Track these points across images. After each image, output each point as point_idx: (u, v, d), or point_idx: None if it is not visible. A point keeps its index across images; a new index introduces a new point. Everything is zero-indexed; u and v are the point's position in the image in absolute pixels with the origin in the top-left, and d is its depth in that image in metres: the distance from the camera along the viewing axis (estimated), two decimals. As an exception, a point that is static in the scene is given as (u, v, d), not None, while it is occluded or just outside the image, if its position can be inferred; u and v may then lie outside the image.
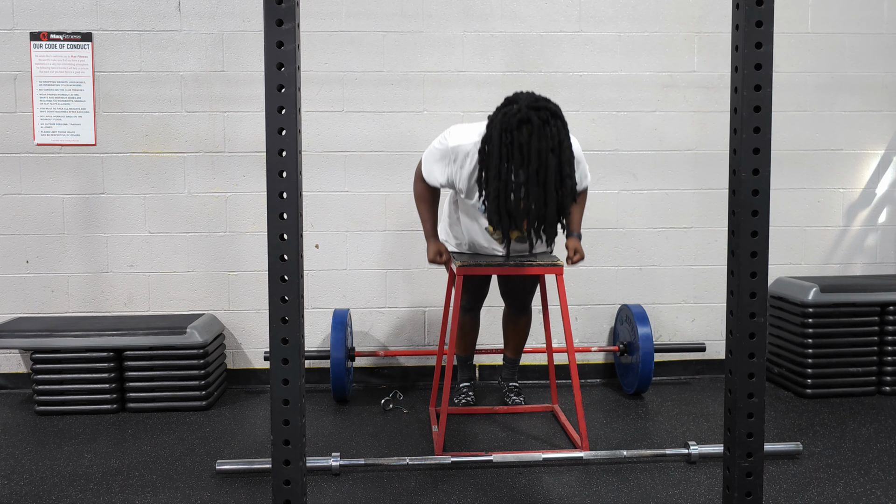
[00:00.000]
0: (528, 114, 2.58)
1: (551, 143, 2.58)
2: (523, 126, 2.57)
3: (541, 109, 2.60)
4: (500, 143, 2.60)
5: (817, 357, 3.60)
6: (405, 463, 2.80)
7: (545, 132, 2.57)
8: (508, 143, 2.58)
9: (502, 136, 2.59)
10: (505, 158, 2.59)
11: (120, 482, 2.70)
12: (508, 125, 2.59)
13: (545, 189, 2.60)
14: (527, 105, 2.61)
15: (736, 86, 1.65)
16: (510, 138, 2.58)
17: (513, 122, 2.58)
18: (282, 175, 1.64)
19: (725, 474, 1.77)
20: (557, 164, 2.60)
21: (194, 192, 3.79)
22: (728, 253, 1.71)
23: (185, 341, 3.44)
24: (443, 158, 2.90)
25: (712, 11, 3.87)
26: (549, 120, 2.59)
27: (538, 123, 2.57)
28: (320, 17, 3.73)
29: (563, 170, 2.61)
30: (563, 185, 2.62)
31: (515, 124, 2.58)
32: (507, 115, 2.61)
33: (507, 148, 2.58)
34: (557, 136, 2.60)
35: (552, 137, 2.58)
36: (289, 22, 1.60)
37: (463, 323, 3.37)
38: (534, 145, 2.56)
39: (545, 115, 2.59)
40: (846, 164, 4.02)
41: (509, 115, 2.60)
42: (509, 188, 2.60)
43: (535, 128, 2.56)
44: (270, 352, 1.69)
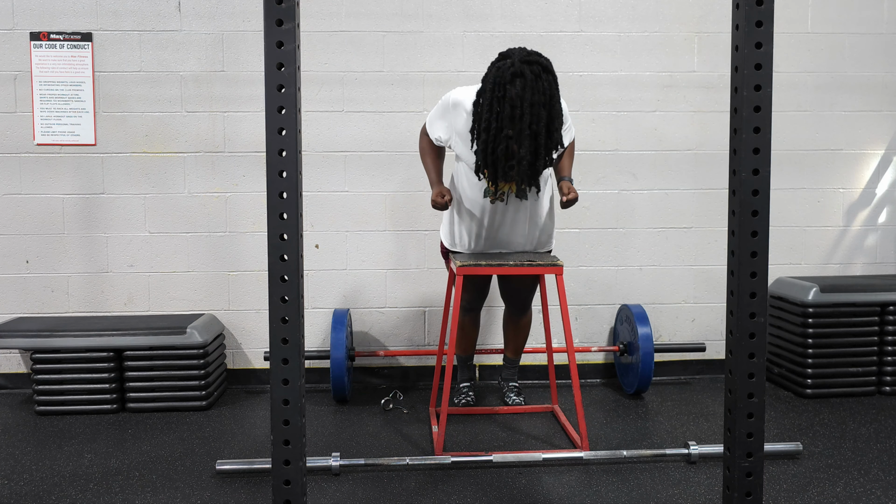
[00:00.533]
0: (521, 67, 2.67)
1: (542, 97, 2.68)
2: (516, 79, 2.67)
3: (533, 63, 2.70)
4: (492, 97, 2.70)
5: (817, 357, 3.60)
6: (405, 463, 2.80)
7: (537, 86, 2.67)
8: (500, 97, 2.68)
9: (495, 90, 2.70)
10: (496, 110, 2.70)
11: (120, 482, 2.70)
12: (501, 78, 2.69)
13: (535, 140, 2.71)
14: (520, 59, 2.70)
15: (736, 86, 1.65)
16: (503, 91, 2.68)
17: (506, 76, 2.68)
18: (282, 175, 1.64)
19: (725, 474, 1.77)
20: (548, 117, 2.71)
21: (194, 192, 3.79)
22: (728, 253, 1.71)
23: (185, 341, 3.44)
24: (443, 113, 3.02)
25: (712, 11, 3.87)
26: (542, 74, 2.69)
27: (531, 77, 2.66)
28: (320, 17, 3.73)
29: (552, 123, 2.72)
30: (551, 138, 2.74)
31: (508, 77, 2.67)
32: (501, 68, 2.70)
33: (498, 101, 2.69)
34: (549, 90, 2.70)
35: (543, 91, 2.68)
36: (289, 22, 1.60)
37: (463, 323, 3.37)
38: (526, 98, 2.66)
39: (537, 69, 2.69)
40: (846, 164, 4.02)
41: (503, 69, 2.70)
42: (499, 138, 2.70)
43: (528, 81, 2.66)
44: (270, 352, 1.69)
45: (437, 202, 3.00)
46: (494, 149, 2.75)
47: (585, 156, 3.87)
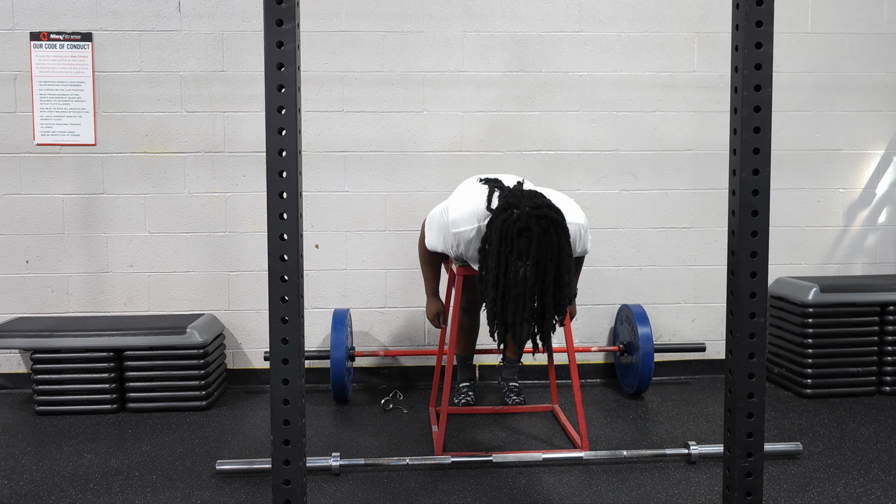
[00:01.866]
0: (528, 222, 2.48)
1: (551, 251, 2.50)
2: (523, 234, 2.48)
3: (542, 218, 2.49)
4: (499, 251, 2.52)
5: (817, 357, 3.60)
6: (405, 463, 2.80)
7: (545, 240, 2.49)
8: (507, 252, 2.51)
9: (502, 244, 2.52)
10: (504, 267, 2.52)
11: (120, 482, 2.70)
12: (508, 233, 2.50)
13: (542, 298, 2.54)
14: (527, 212, 2.49)
15: (736, 86, 1.65)
16: (510, 247, 2.50)
17: (513, 231, 2.49)
18: (282, 175, 1.64)
19: (725, 474, 1.77)
20: (556, 272, 2.52)
21: (194, 192, 3.79)
22: (728, 253, 1.71)
23: (185, 341, 3.44)
24: (445, 241, 2.85)
25: (712, 11, 3.87)
26: (550, 228, 2.50)
27: (538, 232, 2.47)
28: (320, 17, 3.73)
29: (561, 278, 2.54)
30: (560, 292, 2.55)
31: (516, 233, 2.49)
32: (507, 221, 2.51)
33: (506, 256, 2.51)
34: (557, 243, 2.51)
35: (552, 246, 2.50)
36: (289, 22, 1.60)
37: (463, 323, 3.37)
38: (533, 254, 2.48)
39: (546, 223, 2.49)
40: (846, 164, 4.02)
41: (509, 223, 2.51)
42: (507, 297, 2.53)
43: (535, 236, 2.47)
44: (270, 352, 1.69)
45: (433, 322, 3.20)
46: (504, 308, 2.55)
47: (585, 156, 3.87)
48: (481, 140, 3.84)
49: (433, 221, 2.93)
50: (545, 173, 3.84)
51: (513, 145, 3.85)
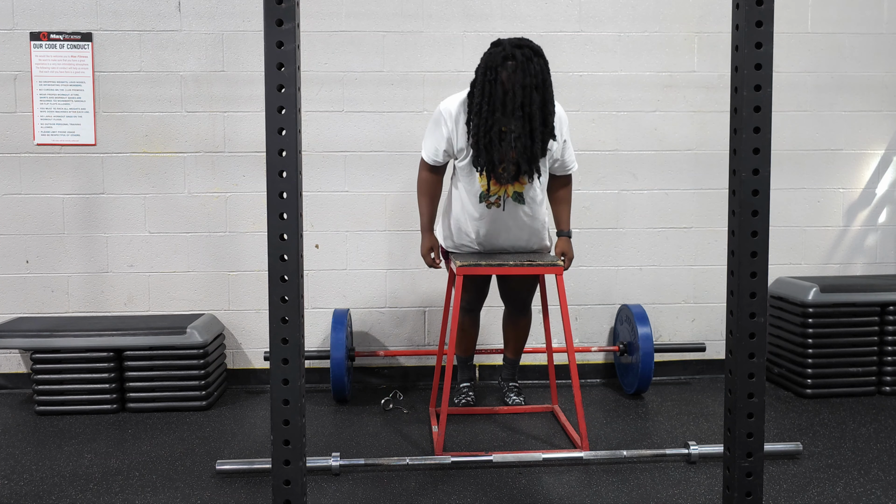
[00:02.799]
0: (511, 51, 2.70)
1: (534, 79, 2.69)
2: (507, 62, 2.69)
3: (524, 47, 2.72)
4: (483, 80, 2.72)
5: (817, 357, 3.60)
6: (405, 463, 2.80)
7: (529, 68, 2.68)
8: (492, 80, 2.69)
9: (486, 73, 2.71)
10: (488, 94, 2.71)
11: (120, 482, 2.70)
12: (493, 62, 2.71)
13: (529, 122, 2.71)
14: (510, 43, 2.73)
15: (736, 86, 1.65)
16: (494, 74, 2.69)
17: (497, 59, 2.70)
18: (282, 175, 1.64)
19: (725, 474, 1.77)
20: (541, 100, 2.72)
21: (194, 192, 3.79)
22: (728, 253, 1.71)
23: (185, 341, 3.44)
24: (437, 125, 2.99)
25: (712, 11, 3.87)
26: (532, 57, 2.70)
27: (522, 59, 2.68)
28: (320, 17, 3.73)
29: (546, 107, 2.73)
30: (546, 122, 2.74)
31: (500, 60, 2.69)
32: (492, 54, 2.73)
33: (490, 84, 2.70)
34: (541, 73, 2.71)
35: (535, 74, 2.69)
36: (289, 22, 1.60)
37: (463, 323, 3.37)
38: (517, 80, 2.67)
39: (528, 52, 2.71)
40: (846, 164, 4.02)
41: (494, 55, 2.72)
42: (491, 120, 2.71)
43: (519, 63, 2.68)
44: (270, 352, 1.69)
45: (425, 258, 3.21)
46: (488, 131, 2.74)
47: (585, 156, 3.87)
48: (481, 140, 3.83)
49: (427, 129, 3.07)
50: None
51: (513, 145, 3.84)
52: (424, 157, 3.08)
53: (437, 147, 3.01)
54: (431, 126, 3.03)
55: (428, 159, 3.06)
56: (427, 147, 3.05)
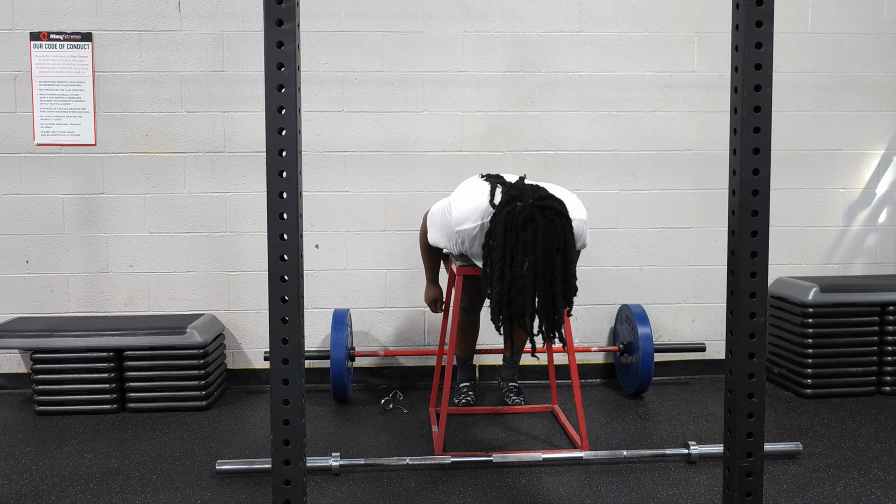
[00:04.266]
0: (532, 213, 2.48)
1: (557, 241, 2.49)
2: (528, 225, 2.48)
3: (546, 209, 2.50)
4: (504, 244, 2.50)
5: (817, 357, 3.60)
6: (405, 463, 2.80)
7: (550, 231, 2.48)
8: (513, 244, 2.49)
9: (507, 236, 2.51)
10: (509, 259, 2.51)
11: (120, 482, 2.70)
12: (513, 224, 2.49)
13: (552, 289, 2.52)
14: (531, 203, 2.50)
15: (736, 86, 1.65)
16: (514, 238, 2.49)
17: (517, 222, 2.48)
18: (282, 175, 1.64)
19: (725, 474, 1.77)
20: (563, 263, 2.51)
21: (194, 192, 3.79)
22: (728, 253, 1.71)
23: (185, 341, 3.43)
24: (449, 239, 2.85)
25: (712, 11, 3.87)
26: (555, 219, 2.49)
27: (543, 223, 2.47)
28: (320, 17, 3.73)
29: (567, 269, 2.53)
30: (568, 284, 2.54)
31: (521, 224, 2.48)
32: (511, 213, 2.51)
33: (511, 248, 2.50)
34: (563, 234, 2.50)
35: (557, 236, 2.49)
36: (289, 22, 1.60)
37: (463, 324, 3.37)
38: (539, 245, 2.47)
39: (550, 214, 2.49)
40: (846, 164, 4.02)
41: (513, 215, 2.50)
42: (513, 290, 2.51)
43: (541, 227, 2.47)
44: (270, 352, 1.69)
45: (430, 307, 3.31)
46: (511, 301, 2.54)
47: (585, 156, 3.87)
48: (481, 140, 3.84)
49: (435, 220, 2.94)
50: (545, 173, 3.84)
51: (513, 145, 3.85)
52: (430, 242, 3.01)
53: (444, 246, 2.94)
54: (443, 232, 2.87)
55: (431, 241, 3.00)
56: (434, 240, 2.97)
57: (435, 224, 2.94)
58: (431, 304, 3.34)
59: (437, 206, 2.98)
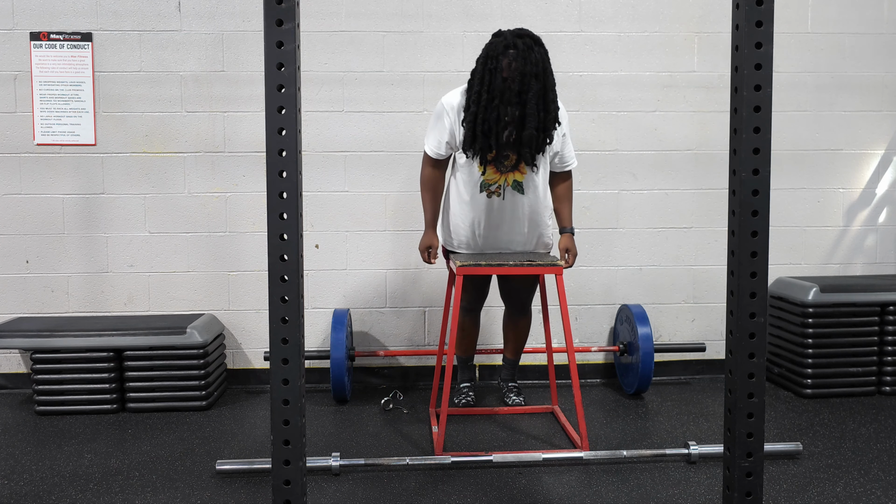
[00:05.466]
0: (513, 40, 2.74)
1: (535, 67, 2.72)
2: (508, 50, 2.72)
3: (524, 37, 2.76)
4: (483, 69, 2.75)
5: (817, 357, 3.60)
6: (405, 463, 2.80)
7: (529, 56, 2.71)
8: (492, 68, 2.73)
9: (486, 62, 2.75)
10: (488, 82, 2.74)
11: (120, 482, 2.70)
12: (494, 51, 2.74)
13: (525, 108, 2.74)
14: (511, 33, 2.77)
15: (736, 86, 1.65)
16: (494, 63, 2.73)
17: (498, 48, 2.73)
18: (282, 175, 1.64)
19: (725, 474, 1.77)
20: (541, 87, 2.74)
21: (194, 192, 3.79)
22: (728, 253, 1.71)
23: (185, 341, 3.44)
24: (439, 118, 3.02)
25: (712, 11, 3.87)
26: (533, 46, 2.74)
27: (522, 48, 2.71)
28: (320, 17, 3.73)
29: (546, 94, 2.76)
30: (547, 109, 2.77)
31: (501, 49, 2.73)
32: (493, 44, 2.77)
33: (489, 73, 2.74)
34: (541, 61, 2.74)
35: (536, 62, 2.72)
36: (289, 22, 1.60)
37: (463, 323, 3.37)
38: (517, 67, 2.70)
39: (528, 41, 2.75)
40: (846, 164, 4.02)
41: (495, 44, 2.76)
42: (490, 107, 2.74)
43: (520, 52, 2.71)
44: (270, 352, 1.69)
45: (422, 254, 3.23)
46: (486, 117, 2.78)
47: (585, 156, 3.87)
48: (481, 140, 3.83)
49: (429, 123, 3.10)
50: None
51: (513, 145, 3.84)
52: (427, 151, 3.10)
53: (440, 139, 3.03)
54: (433, 120, 3.06)
55: (431, 153, 3.08)
56: (430, 141, 3.08)
57: (430, 124, 3.08)
58: (424, 252, 3.22)
59: None
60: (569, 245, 3.18)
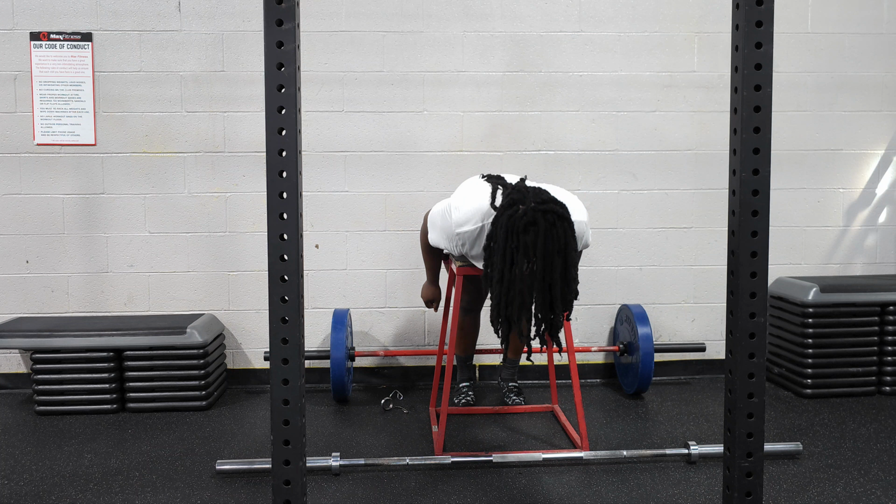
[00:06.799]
0: (534, 216, 2.47)
1: (557, 245, 2.48)
2: (530, 229, 2.47)
3: (548, 213, 2.49)
4: (504, 247, 2.50)
5: (817, 357, 3.60)
6: (405, 463, 2.80)
7: (552, 234, 2.48)
8: (514, 247, 2.49)
9: (508, 239, 2.50)
10: (509, 262, 2.50)
11: (120, 482, 2.70)
12: (514, 228, 2.49)
13: (550, 292, 2.52)
14: (533, 207, 2.49)
15: (736, 86, 1.65)
16: (516, 242, 2.48)
17: (519, 225, 2.47)
18: (282, 175, 1.64)
19: (725, 474, 1.77)
20: (563, 266, 2.51)
21: (194, 192, 3.79)
22: (728, 253, 1.71)
23: (185, 341, 3.43)
24: (449, 241, 2.86)
25: (712, 11, 3.87)
26: (556, 223, 2.49)
27: (545, 227, 2.47)
28: (320, 17, 3.73)
29: (567, 273, 2.52)
30: (568, 287, 2.53)
31: (522, 227, 2.47)
32: (513, 217, 2.50)
33: (511, 251, 2.49)
34: (564, 237, 2.49)
35: (558, 240, 2.48)
36: (289, 22, 1.60)
37: (463, 323, 3.37)
38: (539, 248, 2.46)
39: (552, 217, 2.49)
40: (846, 164, 4.02)
41: (515, 218, 2.49)
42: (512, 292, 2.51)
43: (542, 230, 2.46)
44: (270, 352, 1.69)
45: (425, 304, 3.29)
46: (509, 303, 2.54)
47: (585, 156, 3.87)
48: (481, 140, 3.84)
49: (435, 221, 2.94)
50: (545, 173, 3.84)
51: (513, 145, 3.85)
52: (431, 243, 3.00)
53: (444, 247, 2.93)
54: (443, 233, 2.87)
55: (431, 242, 3.00)
56: (435, 241, 2.96)
57: (435, 226, 2.94)
58: (427, 303, 3.35)
59: (437, 208, 2.97)
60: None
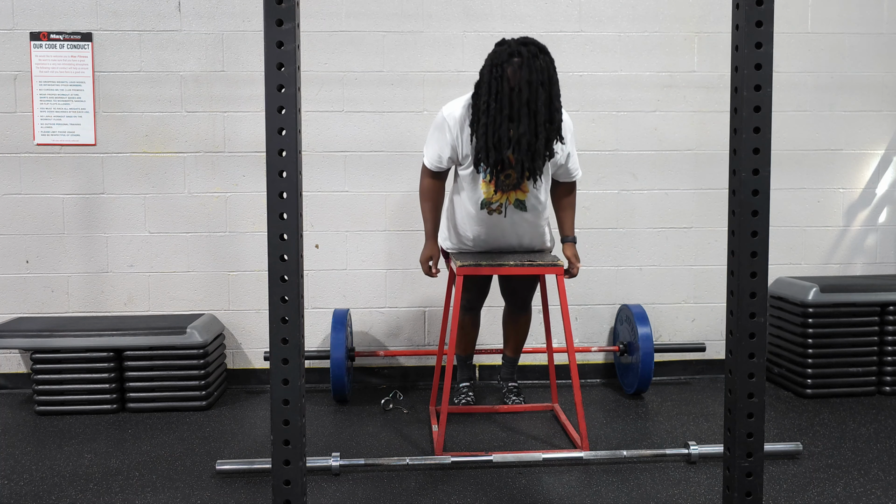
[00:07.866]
0: (517, 48, 2.68)
1: (540, 76, 2.66)
2: (513, 58, 2.67)
3: (529, 45, 2.70)
4: (489, 78, 2.69)
5: (817, 357, 3.60)
6: (405, 463, 2.80)
7: (534, 65, 2.66)
8: (498, 77, 2.67)
9: (492, 71, 2.68)
10: (495, 91, 2.68)
11: (120, 482, 2.70)
12: (498, 59, 2.69)
13: (535, 119, 2.68)
14: (516, 41, 2.72)
15: (736, 86, 1.65)
16: (500, 71, 2.67)
17: (503, 56, 2.68)
18: (282, 175, 1.64)
19: (725, 474, 1.77)
20: (547, 97, 2.68)
21: (194, 192, 3.79)
22: (728, 253, 1.71)
23: (185, 341, 3.44)
24: (440, 131, 2.94)
25: (712, 11, 3.87)
26: (538, 54, 2.69)
27: (527, 56, 2.66)
28: (320, 17, 3.73)
29: (552, 103, 2.71)
30: (552, 120, 2.71)
31: (505, 57, 2.67)
32: (498, 52, 2.72)
33: (496, 81, 2.67)
34: (546, 70, 2.69)
35: (541, 70, 2.67)
36: (289, 22, 1.60)
37: (463, 323, 3.37)
38: (523, 76, 2.64)
39: (534, 49, 2.69)
40: (846, 164, 4.02)
41: (499, 52, 2.70)
42: (498, 120, 2.68)
43: (525, 60, 2.65)
44: (270, 352, 1.69)
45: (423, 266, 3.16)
46: (496, 129, 2.69)
47: (585, 156, 3.87)
48: (481, 140, 3.83)
49: (429, 134, 3.03)
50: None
51: (513, 145, 3.84)
52: (426, 164, 3.03)
53: (441, 154, 2.96)
54: (434, 131, 2.97)
55: (430, 165, 3.01)
56: (429, 153, 3.00)
57: (430, 135, 3.01)
58: (425, 263, 3.16)
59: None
60: (574, 254, 3.15)
